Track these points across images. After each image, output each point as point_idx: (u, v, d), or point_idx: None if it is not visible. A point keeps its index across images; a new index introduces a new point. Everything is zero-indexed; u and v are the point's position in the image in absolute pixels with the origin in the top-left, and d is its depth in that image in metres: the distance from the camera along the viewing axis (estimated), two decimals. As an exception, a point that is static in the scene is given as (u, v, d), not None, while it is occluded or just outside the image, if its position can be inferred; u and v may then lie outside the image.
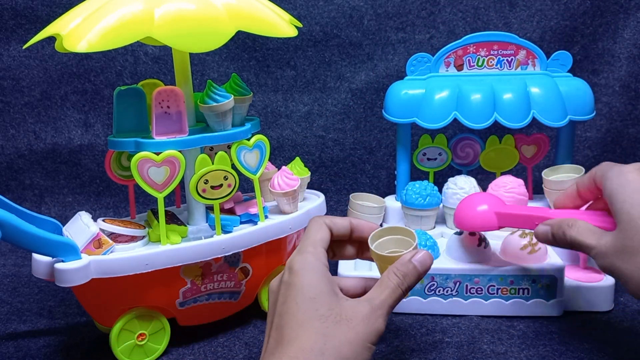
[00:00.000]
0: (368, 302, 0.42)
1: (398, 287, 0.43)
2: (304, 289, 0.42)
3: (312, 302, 0.41)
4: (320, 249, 0.45)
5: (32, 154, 1.07)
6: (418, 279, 0.45)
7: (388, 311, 0.43)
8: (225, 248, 0.60)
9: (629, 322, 0.64)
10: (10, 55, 1.05)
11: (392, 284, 0.43)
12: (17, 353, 0.62)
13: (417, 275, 0.45)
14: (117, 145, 0.60)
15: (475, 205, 0.62)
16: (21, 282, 0.81)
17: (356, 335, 0.40)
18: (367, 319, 0.41)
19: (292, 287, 0.42)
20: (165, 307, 0.60)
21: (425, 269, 0.45)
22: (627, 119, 1.04)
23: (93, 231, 0.56)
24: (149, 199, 0.99)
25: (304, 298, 0.41)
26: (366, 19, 1.04)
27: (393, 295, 0.43)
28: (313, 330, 0.40)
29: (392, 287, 0.43)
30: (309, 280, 0.42)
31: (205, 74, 1.06)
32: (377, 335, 0.41)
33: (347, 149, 1.08)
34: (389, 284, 0.43)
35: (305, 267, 0.43)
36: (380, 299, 0.43)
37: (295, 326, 0.40)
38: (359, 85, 1.06)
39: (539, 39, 1.01)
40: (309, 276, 0.42)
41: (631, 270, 0.43)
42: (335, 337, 0.39)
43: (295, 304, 0.41)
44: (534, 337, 0.61)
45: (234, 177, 0.60)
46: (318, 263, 0.43)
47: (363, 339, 0.40)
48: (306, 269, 0.43)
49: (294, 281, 0.42)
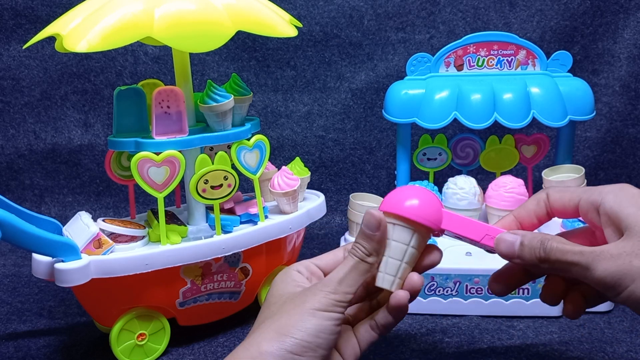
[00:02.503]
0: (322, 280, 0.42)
1: (350, 256, 0.42)
2: (268, 299, 0.44)
3: (266, 302, 0.43)
4: (303, 262, 0.46)
5: (32, 154, 1.07)
6: (369, 238, 0.42)
7: (339, 278, 0.41)
8: (225, 248, 0.60)
9: (629, 322, 0.64)
10: (10, 55, 1.05)
11: (347, 254, 0.43)
12: (17, 353, 0.62)
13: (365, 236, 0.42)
14: (117, 145, 0.60)
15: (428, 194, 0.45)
16: (21, 282, 0.81)
17: (295, 307, 0.40)
18: (310, 289, 0.41)
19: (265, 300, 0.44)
20: (165, 307, 0.60)
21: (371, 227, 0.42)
22: (627, 119, 1.04)
23: (93, 231, 0.56)
24: (149, 199, 0.99)
25: (264, 305, 0.44)
26: (366, 19, 1.04)
27: (347, 263, 0.42)
28: (258, 321, 0.42)
29: (346, 257, 0.43)
30: (273, 289, 0.44)
31: (205, 74, 1.06)
32: (322, 299, 0.40)
33: (347, 149, 1.08)
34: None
35: (275, 280, 0.45)
36: (332, 272, 0.42)
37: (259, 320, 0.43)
38: (359, 85, 1.06)
39: (539, 39, 1.01)
40: (274, 285, 0.44)
41: None
42: (273, 318, 0.41)
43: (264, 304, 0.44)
44: (534, 337, 0.61)
45: (234, 177, 0.60)
46: (288, 269, 0.45)
47: (303, 308, 0.40)
48: (275, 280, 0.45)
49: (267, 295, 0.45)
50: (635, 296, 0.37)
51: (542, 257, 0.40)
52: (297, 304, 0.40)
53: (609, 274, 0.37)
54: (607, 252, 0.38)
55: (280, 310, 0.41)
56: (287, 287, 0.43)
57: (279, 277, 0.45)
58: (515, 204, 0.74)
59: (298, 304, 0.40)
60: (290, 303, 0.41)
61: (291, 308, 0.40)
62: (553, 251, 0.40)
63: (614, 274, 0.37)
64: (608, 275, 0.37)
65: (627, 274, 0.37)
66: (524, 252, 0.41)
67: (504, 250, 0.42)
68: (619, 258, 0.37)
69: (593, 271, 0.38)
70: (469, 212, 0.75)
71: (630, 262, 0.37)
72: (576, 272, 0.39)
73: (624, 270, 0.37)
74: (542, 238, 0.40)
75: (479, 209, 0.76)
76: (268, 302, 0.43)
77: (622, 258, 0.37)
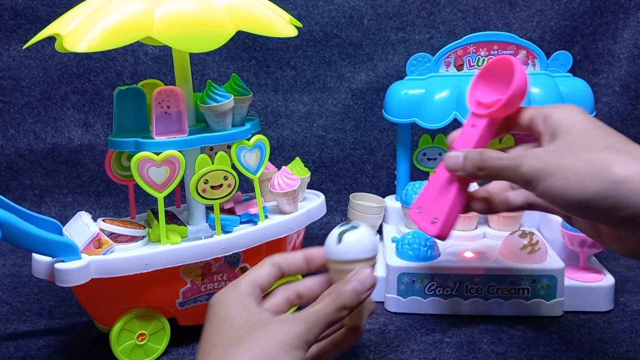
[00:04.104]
0: (293, 313, 0.41)
1: (331, 304, 0.42)
2: (219, 313, 0.42)
3: (226, 320, 0.41)
4: (246, 282, 0.44)
5: (32, 154, 1.07)
6: (356, 297, 0.43)
7: (314, 321, 0.40)
8: (225, 248, 0.60)
9: (629, 322, 0.64)
10: (10, 55, 1.05)
11: (326, 300, 0.42)
12: (17, 353, 0.62)
13: (355, 293, 0.43)
14: (117, 145, 0.60)
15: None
16: (21, 282, 0.81)
17: (270, 338, 0.38)
18: (286, 324, 0.40)
19: (208, 319, 0.42)
20: (165, 307, 0.60)
21: (365, 287, 0.43)
22: (627, 119, 1.04)
23: (93, 231, 0.56)
24: (149, 199, 0.99)
25: (218, 320, 0.41)
26: (366, 19, 1.04)
27: (324, 309, 0.41)
28: (224, 342, 0.39)
29: (324, 302, 0.42)
30: (223, 306, 0.42)
31: (205, 74, 1.06)
32: (296, 338, 0.39)
33: (347, 149, 1.08)
34: (322, 299, 0.42)
35: (220, 297, 0.43)
36: (307, 310, 0.41)
37: (208, 346, 0.40)
38: (359, 85, 1.06)
39: (539, 39, 1.01)
40: (224, 303, 0.42)
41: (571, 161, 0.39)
42: (245, 342, 0.39)
43: (209, 328, 0.41)
44: (534, 337, 0.61)
45: (234, 177, 0.60)
46: (236, 291, 0.43)
47: (278, 341, 0.38)
48: (222, 298, 0.43)
49: (209, 314, 0.43)
50: (550, 190, 0.39)
51: (480, 165, 0.45)
52: (270, 336, 0.39)
53: (531, 170, 0.40)
54: (535, 153, 0.41)
55: (250, 335, 0.39)
56: (247, 306, 0.42)
57: (231, 296, 0.43)
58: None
59: (271, 336, 0.39)
60: (262, 332, 0.39)
61: (263, 338, 0.39)
62: (489, 159, 0.44)
63: (534, 171, 0.40)
64: (530, 172, 0.40)
65: (545, 170, 0.40)
66: (466, 164, 0.45)
67: (451, 164, 0.46)
68: (543, 157, 0.40)
69: (519, 169, 0.41)
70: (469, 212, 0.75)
71: (550, 160, 0.40)
72: (507, 174, 0.43)
73: (542, 168, 0.40)
74: (481, 150, 0.45)
75: (479, 209, 0.76)
76: (224, 320, 0.41)
77: (545, 157, 0.40)
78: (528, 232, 0.68)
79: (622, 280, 0.74)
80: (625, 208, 0.36)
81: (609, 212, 0.37)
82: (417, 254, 0.67)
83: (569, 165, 0.39)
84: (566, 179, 0.38)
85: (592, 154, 0.38)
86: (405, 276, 0.67)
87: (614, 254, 0.83)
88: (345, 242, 0.45)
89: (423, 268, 0.67)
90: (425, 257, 0.67)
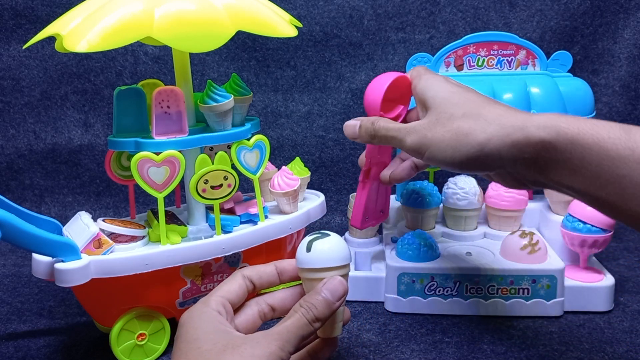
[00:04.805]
0: (264, 331, 0.41)
1: (302, 317, 0.42)
2: (188, 334, 0.41)
3: (195, 342, 0.40)
4: (216, 299, 0.44)
5: (32, 154, 1.07)
6: (328, 307, 0.43)
7: (287, 337, 0.40)
8: (225, 248, 0.60)
9: (629, 322, 0.64)
10: (10, 55, 1.05)
11: (297, 314, 0.42)
12: (17, 353, 0.62)
13: (327, 303, 0.43)
14: (117, 145, 0.60)
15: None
16: (21, 282, 0.81)
17: (250, 355, 0.38)
18: (258, 343, 0.39)
19: (177, 338, 0.42)
20: (165, 307, 0.60)
21: (336, 297, 0.43)
22: (627, 119, 1.04)
23: (93, 231, 0.56)
24: (149, 199, 0.99)
25: (187, 341, 0.41)
26: (366, 19, 1.04)
27: (296, 324, 0.41)
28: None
29: (295, 317, 0.42)
30: (193, 325, 0.42)
31: (205, 74, 1.06)
32: (269, 358, 0.39)
33: (347, 149, 1.08)
34: (292, 313, 0.42)
35: (190, 316, 0.43)
36: (278, 326, 0.41)
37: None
38: (359, 85, 1.06)
39: (539, 39, 1.01)
40: (193, 322, 0.42)
41: (441, 133, 0.45)
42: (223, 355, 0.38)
43: (178, 350, 0.41)
44: (534, 337, 0.61)
45: (234, 177, 0.60)
46: (206, 309, 0.43)
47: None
48: (191, 317, 0.43)
49: (179, 333, 0.42)
50: (432, 158, 0.47)
51: (372, 134, 0.52)
52: (242, 355, 0.38)
53: (413, 144, 0.48)
54: (413, 127, 0.48)
55: (220, 358, 0.39)
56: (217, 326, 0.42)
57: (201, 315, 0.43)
58: (515, 204, 0.75)
59: (244, 356, 0.38)
60: (232, 355, 0.39)
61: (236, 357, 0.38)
62: (380, 129, 0.51)
63: (416, 144, 0.47)
64: (413, 145, 0.48)
65: (423, 144, 0.47)
66: (361, 132, 0.53)
67: (349, 133, 0.54)
68: (419, 132, 0.47)
69: (405, 142, 0.48)
70: (469, 212, 0.75)
71: (425, 135, 0.47)
72: (395, 144, 0.50)
73: (422, 141, 0.47)
74: (374, 120, 0.52)
75: (478, 209, 0.76)
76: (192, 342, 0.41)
77: (421, 132, 0.47)
78: (528, 232, 0.68)
79: (622, 280, 0.74)
80: (490, 163, 0.44)
81: (482, 167, 0.44)
82: (417, 254, 0.67)
83: (440, 137, 0.45)
84: (441, 149, 0.45)
85: (455, 123, 0.45)
86: (405, 276, 0.67)
87: (614, 254, 0.83)
88: (315, 250, 0.45)
89: (423, 268, 0.67)
90: (425, 257, 0.67)
